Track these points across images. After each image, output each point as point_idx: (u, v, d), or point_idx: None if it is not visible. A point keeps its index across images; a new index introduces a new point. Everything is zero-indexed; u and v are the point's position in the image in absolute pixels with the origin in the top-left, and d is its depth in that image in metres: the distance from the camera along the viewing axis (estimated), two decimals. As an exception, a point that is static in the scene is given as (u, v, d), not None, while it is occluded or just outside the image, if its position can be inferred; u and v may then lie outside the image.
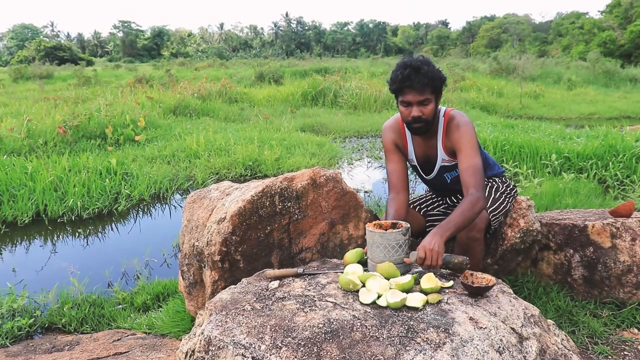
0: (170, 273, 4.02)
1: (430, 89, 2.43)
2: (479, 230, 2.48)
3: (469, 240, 2.49)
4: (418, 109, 2.46)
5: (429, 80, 2.40)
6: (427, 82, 2.40)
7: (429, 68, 2.41)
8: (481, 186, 2.43)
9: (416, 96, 2.43)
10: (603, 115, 13.36)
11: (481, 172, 2.47)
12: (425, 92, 2.43)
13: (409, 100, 2.46)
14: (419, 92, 2.42)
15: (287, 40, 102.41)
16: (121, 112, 9.46)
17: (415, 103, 2.45)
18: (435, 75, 2.42)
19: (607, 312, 2.85)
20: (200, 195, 3.01)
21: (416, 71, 2.39)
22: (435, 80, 2.42)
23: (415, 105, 2.46)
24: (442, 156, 2.66)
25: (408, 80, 2.40)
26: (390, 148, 2.77)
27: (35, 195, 5.49)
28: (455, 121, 2.59)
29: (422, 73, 2.39)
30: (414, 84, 2.40)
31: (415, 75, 2.39)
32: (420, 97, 2.43)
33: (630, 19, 44.99)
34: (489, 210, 2.60)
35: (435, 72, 2.43)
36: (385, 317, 1.76)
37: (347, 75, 18.88)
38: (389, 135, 2.77)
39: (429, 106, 2.47)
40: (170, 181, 6.36)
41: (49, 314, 3.27)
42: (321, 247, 2.69)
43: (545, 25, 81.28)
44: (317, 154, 7.67)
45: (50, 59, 50.85)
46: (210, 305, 1.92)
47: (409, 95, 2.45)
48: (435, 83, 2.43)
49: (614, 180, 5.69)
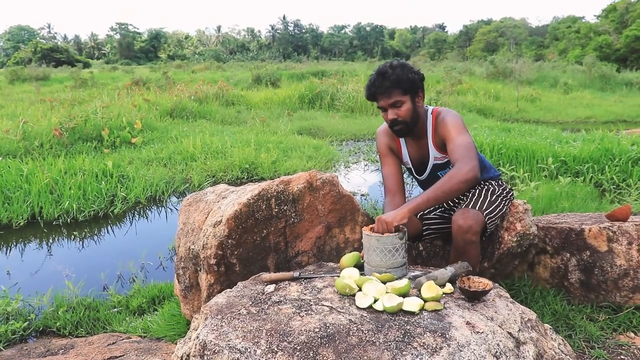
0: (166, 276, 4.00)
1: (398, 91, 2.50)
2: (474, 233, 2.48)
3: (465, 244, 2.48)
4: (392, 111, 2.54)
5: (393, 83, 2.47)
6: (391, 85, 2.47)
7: (395, 71, 2.48)
8: (468, 157, 2.38)
9: (386, 100, 2.53)
10: (599, 119, 13.39)
11: (470, 148, 2.44)
12: (393, 95, 2.50)
13: (382, 105, 2.56)
14: (386, 96, 2.51)
15: (284, 43, 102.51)
16: (118, 115, 9.44)
17: (388, 106, 2.54)
18: (401, 77, 2.48)
19: (603, 316, 2.85)
20: (196, 198, 3.00)
21: (382, 76, 2.48)
22: (401, 82, 2.48)
23: (389, 109, 2.54)
24: (434, 154, 2.69)
25: (374, 86, 2.52)
26: (385, 152, 2.83)
27: (31, 198, 5.46)
28: (442, 115, 2.65)
29: (386, 77, 2.47)
30: (378, 90, 2.50)
31: (380, 81, 2.49)
32: (389, 99, 2.51)
33: (625, 24, 45.16)
34: (484, 213, 2.59)
35: (401, 74, 2.48)
36: (382, 322, 1.75)
37: (344, 79, 18.92)
38: (382, 139, 2.83)
39: (402, 108, 2.53)
40: (166, 184, 6.34)
41: (44, 317, 3.25)
42: (317, 251, 2.68)
43: (541, 29, 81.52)
44: (314, 157, 7.66)
45: (47, 61, 50.82)
46: (206, 309, 1.91)
47: (380, 100, 2.55)
48: (402, 85, 2.49)
49: (610, 184, 5.70)
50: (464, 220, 2.47)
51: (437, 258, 3.07)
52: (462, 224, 2.47)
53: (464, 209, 2.54)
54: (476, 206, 2.58)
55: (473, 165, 2.36)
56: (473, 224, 2.47)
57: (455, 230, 2.49)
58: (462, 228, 2.46)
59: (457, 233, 2.48)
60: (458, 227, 2.48)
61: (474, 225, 2.47)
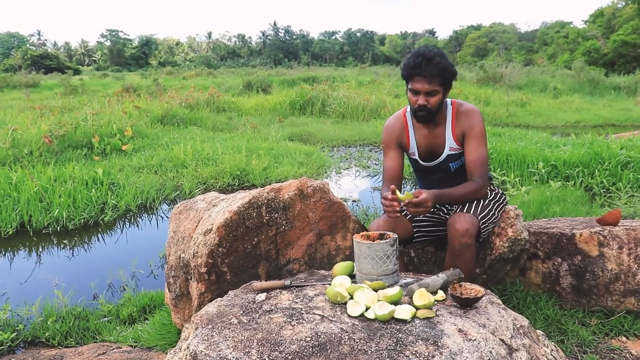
0: (157, 284, 3.97)
1: (439, 80, 2.52)
2: (470, 236, 2.48)
3: (461, 247, 2.48)
4: (424, 98, 2.55)
5: (439, 71, 2.48)
6: (437, 73, 2.48)
7: (441, 60, 2.49)
8: (486, 177, 2.63)
9: (424, 85, 2.52)
10: (588, 123, 13.48)
11: (487, 164, 2.65)
12: (434, 83, 2.51)
13: (417, 89, 2.55)
14: (427, 82, 2.51)
15: (275, 50, 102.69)
16: (108, 122, 9.40)
17: (423, 92, 2.54)
18: (447, 67, 2.51)
19: (595, 321, 2.85)
20: (187, 206, 2.98)
21: (428, 61, 2.47)
22: (445, 72, 2.51)
23: (423, 94, 2.55)
24: (451, 144, 2.72)
25: (419, 68, 2.49)
26: (390, 145, 2.84)
27: (20, 206, 5.41)
28: (465, 107, 2.71)
29: (433, 63, 2.47)
30: (423, 73, 2.49)
31: (426, 65, 2.47)
32: (429, 87, 2.52)
33: (613, 29, 45.65)
34: (479, 217, 2.60)
35: (447, 64, 2.51)
36: (374, 330, 1.74)
37: (335, 84, 18.94)
38: (391, 131, 2.84)
39: (435, 97, 2.56)
40: (157, 191, 6.31)
41: (32, 327, 3.21)
42: (309, 258, 2.67)
43: (530, 34, 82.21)
44: (305, 163, 7.65)
45: (37, 68, 50.64)
46: (196, 319, 1.89)
47: (418, 83, 2.53)
48: (446, 75, 2.52)
49: (600, 188, 5.73)
50: (460, 224, 2.48)
51: (429, 264, 3.07)
52: (459, 227, 2.47)
53: (459, 212, 2.55)
54: (470, 210, 2.59)
55: (485, 183, 2.65)
56: (469, 227, 2.48)
57: (452, 233, 2.49)
58: (458, 231, 2.47)
59: (454, 236, 2.48)
60: (454, 230, 2.48)
61: (470, 228, 2.48)
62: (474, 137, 2.64)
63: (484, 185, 2.62)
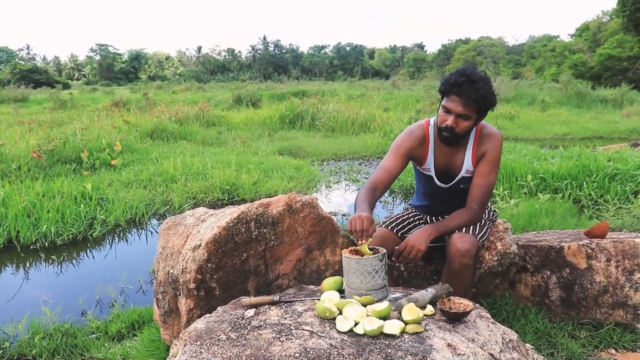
0: (146, 300, 3.93)
1: (475, 106, 2.42)
2: (471, 257, 2.49)
3: (462, 267, 2.49)
4: (455, 120, 2.45)
5: (478, 97, 2.39)
6: (476, 98, 2.38)
7: (484, 86, 2.39)
8: (485, 206, 2.62)
9: (458, 107, 2.42)
10: (576, 136, 13.59)
11: (490, 192, 2.62)
12: (469, 107, 2.41)
13: (450, 108, 2.44)
14: (463, 104, 2.40)
15: (264, 64, 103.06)
16: (97, 136, 9.35)
17: (455, 113, 2.43)
18: (487, 95, 2.41)
19: (584, 333, 2.86)
20: (175, 221, 2.96)
21: (470, 83, 2.37)
22: (484, 100, 2.41)
23: (454, 116, 2.44)
24: (468, 166, 2.64)
25: (458, 87, 2.39)
26: (401, 149, 2.69)
27: (7, 222, 5.36)
28: (488, 130, 2.64)
29: (474, 87, 2.37)
30: (461, 93, 2.38)
31: (467, 86, 2.37)
32: (462, 109, 2.42)
33: (599, 42, 46.28)
34: (477, 237, 2.61)
35: (488, 92, 2.42)
36: (363, 346, 1.73)
37: (325, 98, 19.02)
38: (408, 139, 2.70)
39: (466, 122, 2.46)
40: (146, 206, 6.28)
41: (19, 345, 3.16)
42: (298, 274, 2.66)
43: (518, 47, 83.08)
44: (295, 177, 7.65)
45: (26, 82, 50.52)
46: (185, 335, 1.88)
47: (453, 103, 2.43)
48: (483, 103, 2.43)
49: (588, 200, 5.77)
50: (462, 244, 2.47)
51: (419, 279, 3.07)
52: (460, 247, 2.47)
53: (461, 233, 2.54)
54: (469, 230, 2.59)
55: (482, 212, 2.65)
56: (470, 247, 2.48)
57: (453, 254, 2.48)
58: (460, 251, 2.46)
59: (455, 256, 2.47)
60: (456, 250, 2.47)
61: (471, 249, 2.48)
62: (489, 162, 2.58)
63: (480, 214, 2.58)
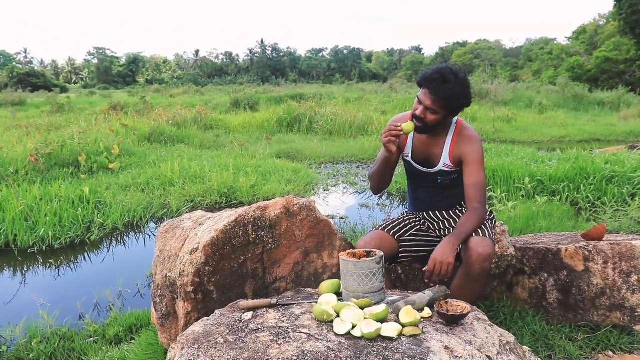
0: (144, 304, 3.93)
1: (442, 103, 2.52)
2: (491, 262, 2.51)
3: (482, 271, 2.47)
4: (424, 111, 2.56)
5: (446, 97, 2.50)
6: (443, 97, 2.49)
7: (455, 87, 2.49)
8: (485, 202, 2.62)
9: (427, 100, 2.53)
10: (573, 138, 13.63)
11: (485, 189, 2.63)
12: (437, 104, 2.52)
13: (421, 100, 2.57)
14: (431, 99, 2.52)
15: (262, 67, 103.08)
16: (95, 140, 9.34)
17: (424, 106, 2.55)
18: (456, 96, 2.51)
19: (582, 336, 2.86)
20: (173, 225, 2.97)
21: (443, 82, 2.48)
22: (453, 99, 2.51)
23: (423, 107, 2.56)
24: (445, 161, 2.72)
25: (431, 82, 2.50)
26: None
27: (5, 225, 5.36)
28: (467, 133, 2.71)
29: (446, 86, 2.48)
30: (431, 88, 2.50)
31: (439, 84, 2.48)
32: (430, 103, 2.53)
33: (595, 45, 46.40)
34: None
35: (458, 93, 2.51)
36: (360, 348, 1.73)
37: (322, 102, 19.03)
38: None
39: (433, 115, 2.56)
40: (144, 209, 6.27)
41: (16, 349, 3.17)
42: (295, 277, 2.66)
43: (515, 50, 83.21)
44: (293, 180, 7.65)
45: (23, 86, 50.41)
46: (182, 339, 1.88)
47: (424, 95, 2.55)
48: (451, 102, 2.52)
49: (585, 203, 5.79)
50: (484, 249, 2.46)
51: (416, 281, 3.07)
52: (482, 252, 2.45)
53: (479, 237, 2.53)
54: (485, 235, 2.59)
55: (486, 208, 2.65)
56: (491, 251, 2.48)
57: (474, 259, 2.46)
58: (482, 256, 2.45)
59: (476, 260, 2.45)
60: (478, 254, 2.45)
61: (492, 253, 2.49)
62: (473, 162, 2.64)
63: (484, 210, 2.61)
